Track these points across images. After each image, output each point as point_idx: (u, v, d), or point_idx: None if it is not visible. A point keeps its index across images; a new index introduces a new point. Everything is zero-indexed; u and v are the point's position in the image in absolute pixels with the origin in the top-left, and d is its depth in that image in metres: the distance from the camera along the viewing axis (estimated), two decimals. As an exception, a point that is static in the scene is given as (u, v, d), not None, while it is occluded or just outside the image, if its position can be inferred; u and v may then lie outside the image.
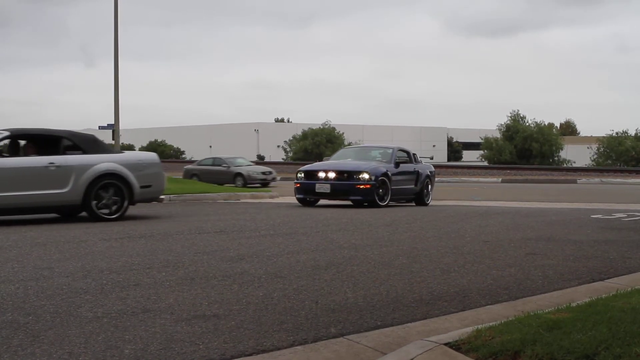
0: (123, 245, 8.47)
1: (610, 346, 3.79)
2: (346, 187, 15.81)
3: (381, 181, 15.96)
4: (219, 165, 32.50)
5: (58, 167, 11.62)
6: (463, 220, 12.26)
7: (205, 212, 14.14)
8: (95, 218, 11.79)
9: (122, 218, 12.04)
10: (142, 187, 12.36)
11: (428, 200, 17.97)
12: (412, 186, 17.45)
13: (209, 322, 4.72)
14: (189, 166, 34.51)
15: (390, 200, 16.43)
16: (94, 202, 11.80)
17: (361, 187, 15.69)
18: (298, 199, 16.64)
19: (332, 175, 16.01)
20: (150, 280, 6.16)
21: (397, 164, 16.96)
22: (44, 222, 11.55)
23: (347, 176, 15.91)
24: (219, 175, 31.54)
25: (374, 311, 5.16)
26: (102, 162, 12.00)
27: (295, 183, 16.80)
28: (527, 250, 8.41)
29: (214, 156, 35.09)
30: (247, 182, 31.13)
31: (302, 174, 16.56)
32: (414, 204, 17.65)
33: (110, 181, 11.99)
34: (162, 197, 14.00)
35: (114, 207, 12.00)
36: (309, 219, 12.37)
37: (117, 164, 12.17)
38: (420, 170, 17.80)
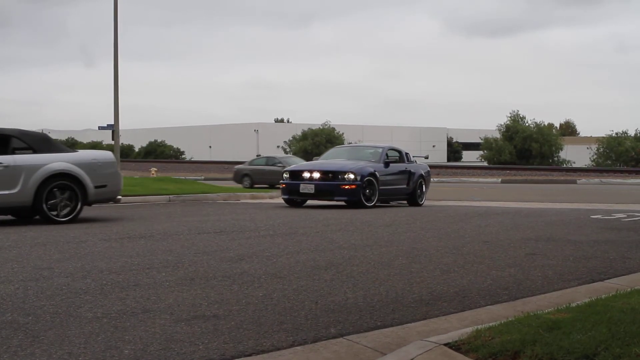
0: (123, 246, 8.47)
1: (609, 346, 3.79)
2: (331, 187, 15.49)
3: (368, 181, 15.60)
4: (273, 165, 30.05)
5: (6, 167, 11.15)
6: (463, 221, 12.26)
7: (205, 212, 14.13)
8: (47, 220, 11.33)
9: (76, 220, 11.59)
10: (96, 187, 11.91)
11: (422, 201, 17.61)
12: (404, 186, 17.11)
13: (208, 323, 4.72)
14: (240, 166, 32.49)
15: (379, 201, 16.15)
16: (46, 204, 11.31)
17: (346, 187, 15.34)
18: (284, 200, 16.39)
19: (316, 175, 15.66)
20: (150, 281, 6.16)
21: (386, 164, 16.63)
22: (43, 222, 11.54)
23: (332, 176, 15.58)
24: (273, 176, 29.01)
25: (373, 311, 5.16)
26: (54, 161, 11.52)
27: (281, 183, 16.50)
28: (526, 251, 8.41)
29: (267, 155, 32.69)
30: None
31: (288, 174, 16.25)
32: (406, 204, 17.41)
33: (63, 182, 11.52)
34: (119, 197, 13.19)
35: (67, 209, 11.55)
36: (309, 219, 12.38)
37: (70, 164, 11.69)
38: (412, 170, 17.45)
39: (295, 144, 63.93)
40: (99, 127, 36.84)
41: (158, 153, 72.58)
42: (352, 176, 15.38)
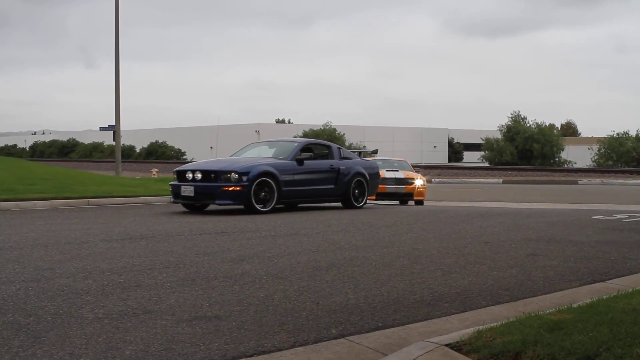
0: (124, 246, 8.47)
1: (611, 347, 3.79)
2: (211, 189, 13.61)
3: (261, 182, 13.69)
4: None
5: None
6: (464, 221, 12.25)
7: (205, 212, 14.13)
8: None
9: None
10: None
11: (360, 203, 15.79)
12: (330, 186, 15.29)
13: (209, 323, 4.72)
14: None
15: (290, 204, 14.76)
16: None
17: (229, 189, 13.47)
18: (177, 203, 14.61)
19: (199, 176, 13.85)
20: (151, 281, 6.16)
21: (299, 161, 14.72)
22: (44, 223, 11.54)
23: (214, 177, 13.72)
24: None
25: (375, 312, 5.16)
26: None
27: (170, 185, 14.76)
28: (528, 251, 8.41)
29: None
30: None
31: (175, 175, 14.55)
32: (341, 206, 15.83)
33: None
34: None
35: None
36: (310, 219, 12.38)
37: None
38: (342, 168, 15.50)
39: (296, 144, 63.86)
40: (100, 127, 36.78)
41: (159, 154, 72.63)
42: (236, 176, 13.53)
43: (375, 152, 20.80)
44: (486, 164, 56.22)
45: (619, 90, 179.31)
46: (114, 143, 28.56)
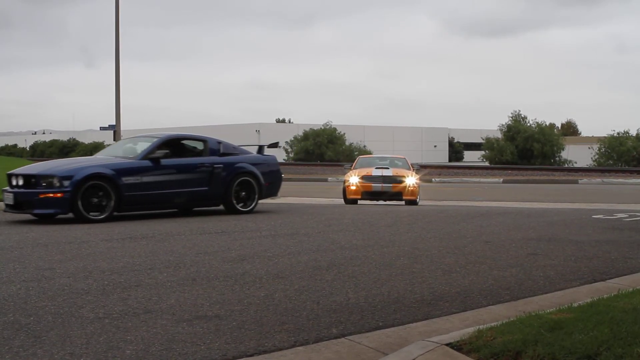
0: (124, 246, 8.47)
1: (611, 346, 3.79)
2: (28, 196, 11.65)
3: (92, 186, 11.70)
4: None
5: None
6: (464, 221, 12.25)
7: (206, 211, 14.13)
8: None
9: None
10: None
11: (249, 207, 13.63)
12: (203, 188, 13.14)
13: (210, 323, 4.73)
14: None
15: (146, 209, 12.70)
16: None
17: (49, 195, 11.51)
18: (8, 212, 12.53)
19: (21, 181, 11.94)
20: (152, 281, 6.16)
21: (154, 160, 12.60)
22: (45, 223, 11.55)
23: (34, 182, 11.76)
24: None
25: (375, 312, 5.17)
26: None
27: (2, 191, 12.70)
28: (528, 251, 8.41)
29: None
30: None
31: (7, 179, 12.60)
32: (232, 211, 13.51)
33: None
34: None
35: None
36: (310, 219, 12.38)
37: None
38: (218, 166, 13.32)
39: (296, 144, 63.84)
40: (100, 127, 36.86)
41: (159, 153, 72.50)
42: (55, 182, 11.58)
43: (274, 145, 18.65)
44: (486, 164, 56.16)
45: (619, 90, 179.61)
46: (114, 143, 28.55)
